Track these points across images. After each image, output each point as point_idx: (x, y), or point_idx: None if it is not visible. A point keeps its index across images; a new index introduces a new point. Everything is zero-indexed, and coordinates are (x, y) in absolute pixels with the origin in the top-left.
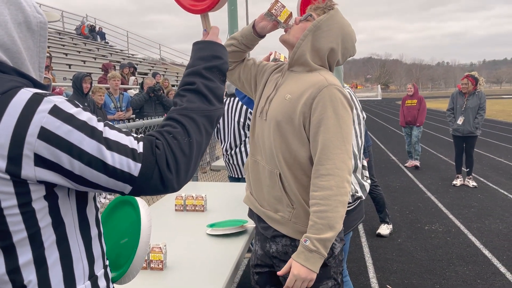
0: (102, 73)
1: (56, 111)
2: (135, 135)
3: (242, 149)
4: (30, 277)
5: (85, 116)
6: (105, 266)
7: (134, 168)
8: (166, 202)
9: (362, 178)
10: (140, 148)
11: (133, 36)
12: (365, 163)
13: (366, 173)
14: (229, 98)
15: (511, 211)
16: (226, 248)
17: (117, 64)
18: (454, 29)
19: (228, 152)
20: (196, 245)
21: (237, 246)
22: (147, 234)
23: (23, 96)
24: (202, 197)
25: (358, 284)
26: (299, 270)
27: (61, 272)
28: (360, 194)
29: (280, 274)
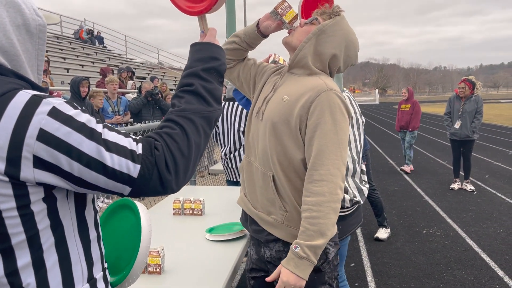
0: (100, 77)
1: (55, 113)
2: (134, 136)
3: (241, 153)
4: (28, 279)
5: (84, 117)
6: (103, 269)
7: (133, 169)
8: (164, 206)
9: (361, 183)
10: (139, 149)
11: (131, 41)
12: (363, 167)
13: (365, 178)
14: (228, 102)
15: (508, 215)
16: (224, 252)
17: (115, 68)
18: (451, 34)
19: (227, 155)
20: (194, 249)
21: (235, 250)
22: (147, 238)
23: (21, 98)
24: (200, 201)
25: None
26: (288, 277)
27: (59, 274)
28: (358, 198)
29: (269, 280)
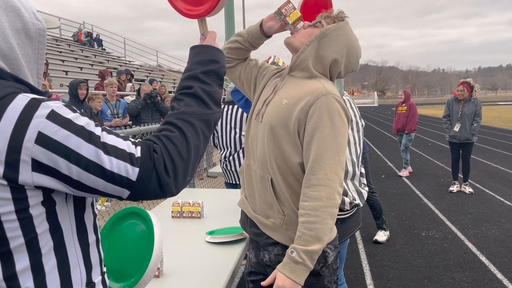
0: (99, 79)
1: (53, 116)
2: (132, 139)
3: (240, 155)
4: (27, 283)
5: (82, 121)
6: (102, 273)
7: (132, 172)
8: (163, 209)
9: (360, 186)
10: (138, 152)
11: (130, 43)
12: (363, 170)
13: (364, 180)
14: (227, 106)
15: (507, 217)
16: (223, 255)
17: (114, 70)
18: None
19: (226, 158)
20: (193, 252)
21: (234, 253)
22: (159, 247)
23: (20, 102)
24: (199, 203)
25: None
26: (284, 282)
27: (58, 278)
28: (358, 201)
29: (264, 285)
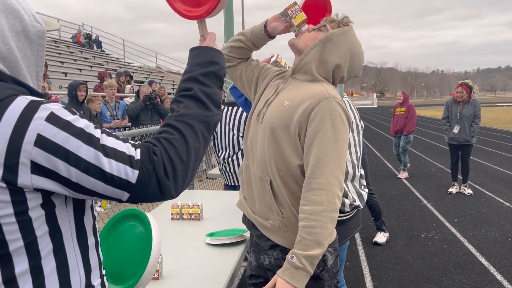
0: (98, 81)
1: (53, 118)
2: (132, 142)
3: (239, 157)
4: (26, 286)
5: (82, 123)
6: (101, 276)
7: (132, 175)
8: (162, 211)
9: (360, 187)
10: (137, 155)
11: (130, 45)
12: (362, 172)
13: (364, 182)
14: (227, 107)
15: (507, 218)
16: (222, 257)
17: (113, 72)
18: (448, 38)
19: (225, 160)
20: (192, 254)
21: (234, 255)
22: (157, 249)
23: (19, 104)
24: (198, 205)
25: None
26: (284, 287)
27: (57, 281)
28: (358, 203)
29: None
